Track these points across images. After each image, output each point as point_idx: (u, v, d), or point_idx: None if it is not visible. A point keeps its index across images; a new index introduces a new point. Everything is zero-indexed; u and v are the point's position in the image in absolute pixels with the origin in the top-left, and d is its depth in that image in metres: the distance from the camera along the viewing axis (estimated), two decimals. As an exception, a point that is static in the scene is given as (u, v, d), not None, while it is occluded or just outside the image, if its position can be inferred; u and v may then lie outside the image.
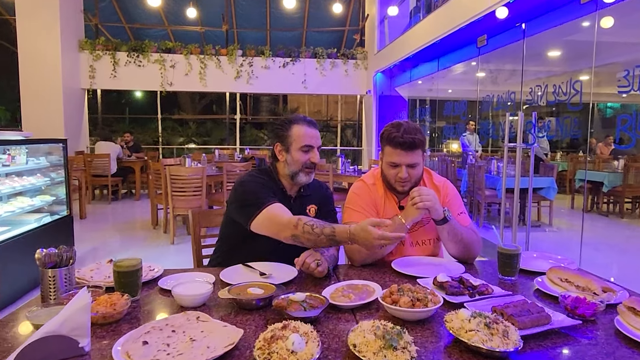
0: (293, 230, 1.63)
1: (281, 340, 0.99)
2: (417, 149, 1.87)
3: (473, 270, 1.79)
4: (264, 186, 1.86)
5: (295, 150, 1.88)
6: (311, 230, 1.60)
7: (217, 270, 1.69)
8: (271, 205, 1.74)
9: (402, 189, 1.93)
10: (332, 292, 1.43)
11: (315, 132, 1.92)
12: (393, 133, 1.87)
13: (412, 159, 1.87)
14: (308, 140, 1.88)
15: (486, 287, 1.44)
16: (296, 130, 1.89)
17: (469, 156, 8.82)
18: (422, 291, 1.31)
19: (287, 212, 1.74)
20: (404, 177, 1.87)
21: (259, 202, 1.76)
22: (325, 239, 1.60)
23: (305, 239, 1.62)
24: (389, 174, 1.93)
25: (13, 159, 3.91)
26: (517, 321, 1.17)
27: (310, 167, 1.90)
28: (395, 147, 1.86)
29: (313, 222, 1.63)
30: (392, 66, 9.38)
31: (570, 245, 5.82)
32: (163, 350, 1.04)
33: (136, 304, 1.38)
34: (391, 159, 1.89)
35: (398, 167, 1.89)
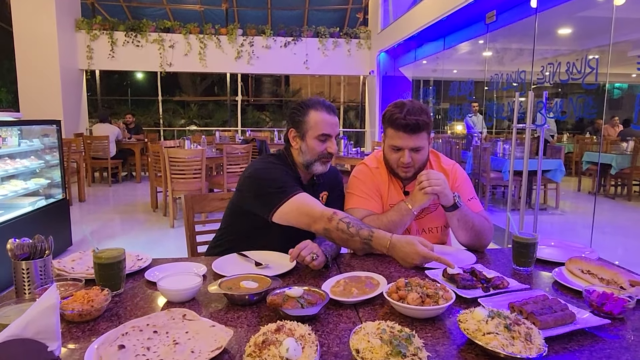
0: (326, 223, 1.53)
1: (274, 345, 0.87)
2: (422, 131, 1.72)
3: (485, 259, 1.67)
4: (286, 173, 1.73)
5: (311, 138, 1.72)
6: (346, 229, 1.50)
7: (209, 260, 1.57)
8: (299, 195, 1.61)
9: (404, 174, 1.80)
10: (333, 286, 1.31)
11: (335, 119, 1.76)
12: (395, 114, 1.72)
13: (416, 142, 1.72)
14: (326, 128, 1.72)
15: (501, 280, 1.32)
16: (314, 116, 1.72)
17: (474, 138, 8.66)
18: (432, 286, 1.19)
19: (318, 202, 1.62)
20: (406, 161, 1.74)
21: (284, 190, 1.62)
22: (359, 241, 1.49)
23: (337, 236, 1.51)
24: (391, 158, 1.80)
25: (4, 140, 3.79)
26: (539, 320, 1.05)
27: (327, 157, 1.75)
28: (398, 130, 1.72)
29: (349, 219, 1.52)
30: (396, 45, 9.14)
31: (577, 228, 5.70)
32: (142, 355, 0.92)
33: (118, 299, 1.26)
34: (393, 142, 1.76)
35: (400, 151, 1.75)
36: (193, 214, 2.13)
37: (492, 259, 1.70)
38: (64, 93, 9.55)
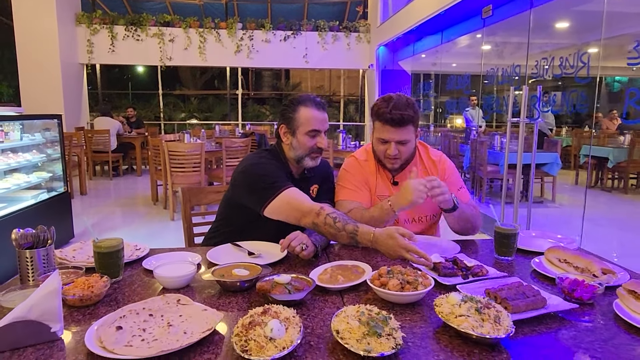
0: (315, 218, 1.59)
1: (259, 326, 0.94)
2: (407, 125, 1.78)
3: (469, 250, 1.74)
4: (278, 169, 1.79)
5: (301, 134, 1.78)
6: (333, 224, 1.56)
7: (204, 250, 1.64)
8: (289, 190, 1.67)
9: (391, 166, 1.88)
10: (320, 273, 1.38)
11: (324, 116, 1.81)
12: (382, 108, 1.78)
13: (402, 135, 1.79)
14: (316, 124, 1.77)
15: (480, 268, 1.39)
16: (304, 112, 1.78)
17: (472, 131, 8.71)
18: (412, 273, 1.26)
19: (306, 197, 1.68)
20: (392, 154, 1.81)
21: (274, 185, 1.68)
22: (345, 235, 1.55)
23: (325, 230, 1.58)
24: (378, 150, 1.87)
25: (6, 135, 3.85)
26: (511, 305, 1.12)
27: (317, 151, 1.81)
28: (385, 123, 1.79)
29: (336, 214, 1.58)
30: (395, 39, 9.16)
31: (572, 221, 5.76)
32: (138, 336, 0.99)
33: (117, 286, 1.34)
34: (380, 135, 1.82)
35: (387, 144, 1.82)
36: (190, 206, 2.20)
37: (476, 249, 1.76)
38: (64, 87, 9.60)
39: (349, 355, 0.95)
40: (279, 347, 0.91)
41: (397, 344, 0.93)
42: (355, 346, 0.92)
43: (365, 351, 0.91)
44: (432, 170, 1.97)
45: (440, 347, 1.00)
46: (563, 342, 1.04)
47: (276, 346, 0.91)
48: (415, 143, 1.90)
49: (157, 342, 0.97)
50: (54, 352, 0.97)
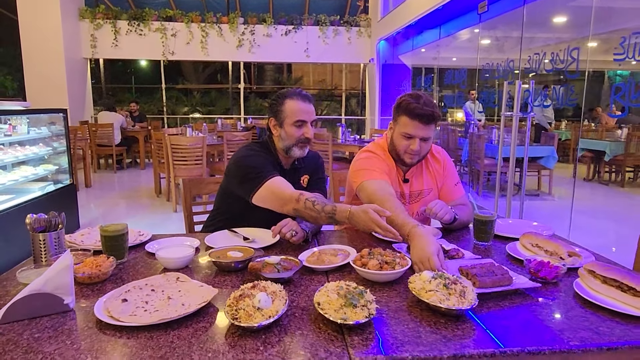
0: (295, 204, 1.69)
1: (249, 298, 1.06)
2: (433, 123, 1.87)
3: (452, 236, 1.85)
4: (266, 159, 1.90)
5: (288, 125, 1.89)
6: (312, 207, 1.65)
7: (203, 236, 1.76)
8: (273, 179, 1.78)
9: (410, 160, 1.94)
10: (309, 256, 1.50)
11: (309, 107, 1.91)
12: (413, 104, 1.84)
13: (427, 132, 1.87)
14: (301, 115, 1.88)
15: (457, 251, 1.50)
16: (289, 105, 1.89)
17: (471, 125, 8.78)
18: (391, 255, 1.37)
19: (289, 185, 1.78)
20: (416, 149, 1.87)
21: (260, 175, 1.79)
22: (325, 216, 1.65)
23: (307, 214, 1.67)
24: (399, 145, 1.92)
25: (14, 128, 3.98)
26: (479, 281, 1.24)
27: (304, 141, 1.91)
28: (414, 119, 1.84)
29: (315, 198, 1.68)
30: (395, 34, 9.23)
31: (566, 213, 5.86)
32: (141, 307, 1.11)
33: (122, 266, 1.46)
34: (406, 130, 1.87)
35: (411, 139, 1.88)
36: (191, 196, 2.32)
37: (458, 235, 1.88)
38: (69, 81, 9.73)
39: (328, 323, 1.07)
40: (266, 316, 1.03)
41: (370, 314, 1.05)
42: (333, 315, 1.04)
43: (341, 319, 1.02)
44: (435, 168, 2.09)
45: (411, 318, 1.12)
46: (523, 314, 1.16)
47: (263, 315, 1.03)
48: (432, 143, 1.98)
49: (158, 312, 1.09)
50: (67, 321, 1.09)
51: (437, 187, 2.08)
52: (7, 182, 3.82)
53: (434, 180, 2.08)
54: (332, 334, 1.03)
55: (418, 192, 2.05)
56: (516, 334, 1.04)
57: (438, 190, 2.09)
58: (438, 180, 2.09)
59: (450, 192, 2.08)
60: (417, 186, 2.06)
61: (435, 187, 2.08)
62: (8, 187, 3.86)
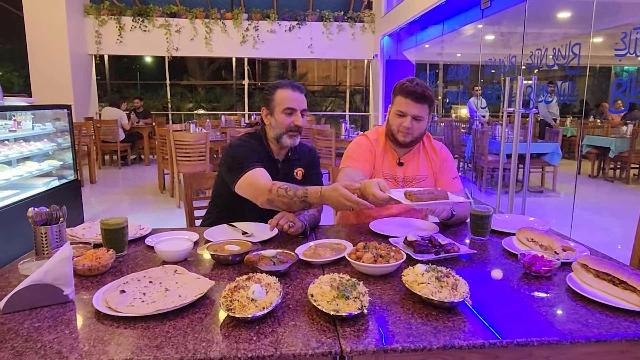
0: (268, 194, 1.72)
1: (243, 289, 1.09)
2: (425, 102, 1.96)
3: (450, 231, 1.86)
4: (251, 151, 1.93)
5: (278, 113, 1.93)
6: (285, 194, 1.69)
7: (202, 230, 1.79)
8: (252, 170, 1.82)
9: (402, 139, 2.01)
10: (305, 250, 1.52)
11: (299, 96, 1.95)
12: (406, 83, 1.97)
13: (419, 111, 1.96)
14: (290, 102, 1.92)
15: (452, 245, 1.51)
16: (279, 94, 1.94)
17: (475, 121, 8.76)
18: (386, 248, 1.39)
19: (266, 177, 1.81)
20: (407, 126, 1.96)
21: (242, 165, 1.84)
22: (298, 201, 1.68)
23: (280, 202, 1.70)
24: (394, 123, 2.01)
25: (19, 124, 4.02)
26: (415, 196, 1.50)
27: (294, 130, 1.94)
28: (406, 96, 1.95)
29: (287, 185, 1.71)
30: (398, 29, 9.22)
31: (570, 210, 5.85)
32: (139, 299, 1.14)
33: (122, 259, 1.49)
34: (399, 107, 1.98)
35: (404, 117, 1.97)
36: (192, 191, 2.34)
37: (455, 230, 1.89)
38: (74, 77, 9.79)
39: (322, 315, 1.08)
40: (259, 307, 1.05)
41: (363, 305, 1.06)
42: (326, 307, 1.06)
43: (334, 311, 1.04)
44: (433, 157, 2.13)
45: (403, 310, 1.13)
46: (514, 307, 1.17)
47: (257, 306, 1.05)
48: (425, 127, 2.04)
49: (155, 303, 1.11)
50: (66, 311, 1.12)
51: (432, 175, 2.12)
52: (11, 178, 3.86)
53: (430, 168, 2.13)
54: (325, 325, 1.05)
55: (413, 177, 2.10)
56: (506, 326, 1.06)
57: (434, 179, 2.13)
58: (434, 169, 2.13)
59: (447, 185, 2.09)
60: (411, 171, 2.10)
61: (431, 174, 2.12)
62: (13, 183, 3.90)
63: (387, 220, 1.94)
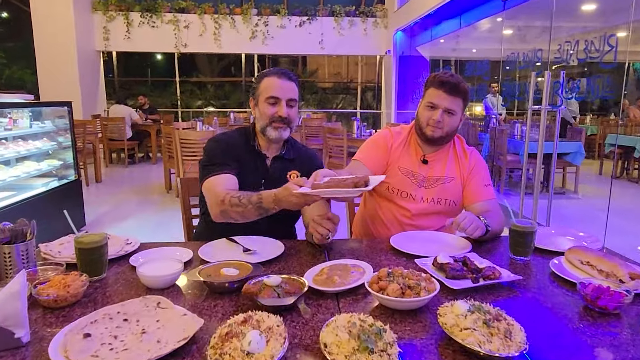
0: (221, 205, 1.55)
1: (237, 338, 0.85)
2: (459, 96, 1.80)
3: (482, 248, 1.61)
4: (226, 149, 1.75)
5: (262, 102, 1.75)
6: (238, 202, 1.51)
7: (198, 245, 1.55)
8: (217, 175, 1.66)
9: (431, 133, 1.83)
10: (317, 274, 1.27)
11: (286, 84, 1.74)
12: (439, 75, 1.84)
13: (452, 104, 1.79)
14: (275, 91, 1.72)
15: (493, 270, 1.26)
16: (265, 81, 1.76)
17: (492, 119, 8.46)
18: (415, 277, 1.14)
19: (226, 185, 1.63)
20: (437, 119, 1.79)
21: (209, 168, 1.70)
22: (253, 208, 1.49)
23: (234, 212, 1.53)
24: (423, 116, 1.85)
25: (15, 122, 3.83)
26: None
27: (279, 121, 1.73)
28: (439, 87, 1.80)
29: (239, 193, 1.55)
30: (412, 24, 8.91)
31: (595, 213, 5.53)
32: (107, 345, 0.90)
33: (99, 284, 1.25)
34: (430, 99, 1.82)
35: (435, 110, 1.81)
36: (189, 197, 2.11)
37: (490, 247, 1.63)
38: (81, 74, 9.65)
39: (337, 372, 0.84)
40: (257, 363, 0.81)
41: (391, 362, 0.82)
42: (343, 363, 0.82)
43: (354, 370, 0.80)
44: (463, 161, 1.93)
45: (441, 364, 0.89)
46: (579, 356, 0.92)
47: (253, 362, 0.81)
48: (458, 124, 1.86)
49: (127, 352, 0.88)
50: (16, 361, 0.89)
51: (460, 179, 1.90)
52: (7, 178, 3.67)
53: (458, 171, 1.91)
54: (342, 389, 0.80)
55: (437, 178, 1.88)
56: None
57: (462, 184, 1.90)
58: (463, 173, 1.91)
59: (478, 192, 1.85)
60: (437, 171, 1.90)
61: (458, 177, 1.90)
62: (9, 183, 3.72)
63: (410, 235, 1.69)
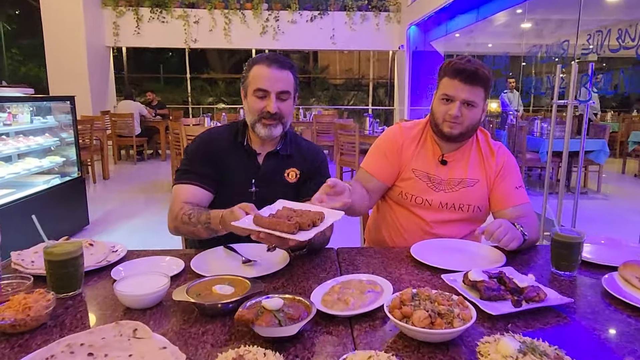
0: (175, 221, 1.45)
1: (222, 389, 0.65)
2: (479, 85, 1.54)
3: (517, 260, 1.39)
4: (205, 152, 1.57)
5: (250, 95, 1.53)
6: (188, 221, 1.39)
7: (192, 253, 1.36)
8: (181, 185, 1.52)
9: (449, 130, 1.58)
10: (326, 293, 1.08)
11: (276, 73, 1.50)
12: (454, 61, 1.57)
13: (471, 94, 1.54)
14: (262, 82, 1.49)
15: (537, 290, 1.05)
16: (254, 70, 1.53)
17: (509, 116, 8.19)
18: (446, 300, 0.94)
19: (185, 198, 1.48)
20: (455, 114, 1.54)
21: (179, 172, 1.56)
22: (202, 227, 1.37)
23: (185, 230, 1.43)
24: (438, 111, 1.60)
25: (15, 117, 3.69)
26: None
27: (269, 117, 1.50)
28: (454, 76, 1.54)
29: (191, 210, 1.42)
30: (426, 18, 8.65)
31: (623, 215, 5.26)
32: (62, 389, 0.72)
33: (72, 302, 1.07)
34: (445, 91, 1.57)
35: (451, 103, 1.56)
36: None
37: (527, 258, 1.42)
38: (90, 70, 9.56)
39: None
40: None
41: None
42: None
43: None
44: (489, 160, 1.67)
45: (487, 423, 0.68)
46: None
47: (243, 423, 0.62)
48: (480, 117, 1.60)
49: (85, 401, 0.69)
50: (-51, 409, 0.71)
51: (486, 181, 1.65)
52: (6, 175, 3.53)
53: (484, 171, 1.66)
54: None
55: (459, 181, 1.64)
56: None
57: (488, 186, 1.65)
58: (489, 174, 1.65)
59: (509, 195, 1.62)
60: (458, 173, 1.65)
61: (483, 179, 1.65)
62: (8, 181, 3.58)
63: (433, 244, 1.48)
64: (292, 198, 1.58)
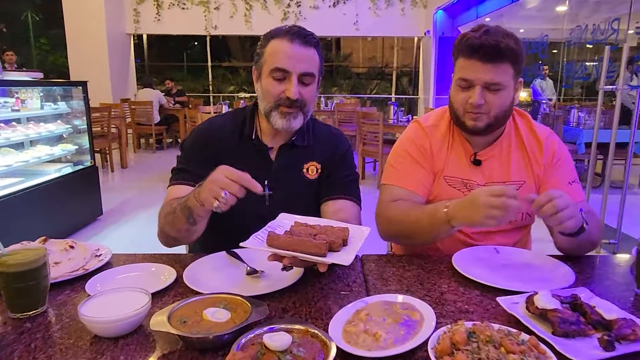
0: (159, 222, 1.23)
1: None
2: (504, 60, 1.19)
3: (582, 274, 1.12)
4: (204, 147, 1.31)
5: (265, 76, 1.24)
6: (170, 209, 1.16)
7: (188, 259, 1.14)
8: (176, 186, 1.28)
9: (473, 123, 1.25)
10: (349, 321, 0.83)
11: (300, 51, 1.21)
12: (468, 35, 1.21)
13: (494, 75, 1.19)
14: (283, 61, 1.19)
15: (632, 326, 0.79)
16: (272, 46, 1.22)
17: (542, 105, 7.78)
18: (514, 344, 0.68)
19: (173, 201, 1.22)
20: (476, 102, 1.20)
21: (174, 171, 1.34)
22: (180, 211, 1.11)
23: (168, 225, 1.17)
24: (457, 100, 1.27)
25: (23, 103, 3.53)
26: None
27: (287, 104, 1.21)
28: (470, 56, 1.20)
29: (174, 202, 1.18)
30: (455, 1, 8.24)
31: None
32: None
33: (31, 325, 0.86)
34: (462, 74, 1.23)
35: (471, 89, 1.22)
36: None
37: (593, 273, 1.15)
38: (111, 58, 9.51)
39: None
40: None
41: None
42: None
43: None
44: (534, 153, 1.34)
45: None
46: None
47: None
48: (512, 99, 1.26)
49: None
50: None
51: (533, 179, 1.33)
52: (14, 164, 3.39)
53: (529, 168, 1.33)
54: None
55: (499, 184, 1.30)
56: None
57: (536, 184, 1.33)
58: (536, 169, 1.33)
59: None
60: (497, 175, 1.33)
61: (530, 179, 1.33)
62: (16, 169, 3.43)
63: (480, 254, 1.20)
64: (314, 199, 1.34)
